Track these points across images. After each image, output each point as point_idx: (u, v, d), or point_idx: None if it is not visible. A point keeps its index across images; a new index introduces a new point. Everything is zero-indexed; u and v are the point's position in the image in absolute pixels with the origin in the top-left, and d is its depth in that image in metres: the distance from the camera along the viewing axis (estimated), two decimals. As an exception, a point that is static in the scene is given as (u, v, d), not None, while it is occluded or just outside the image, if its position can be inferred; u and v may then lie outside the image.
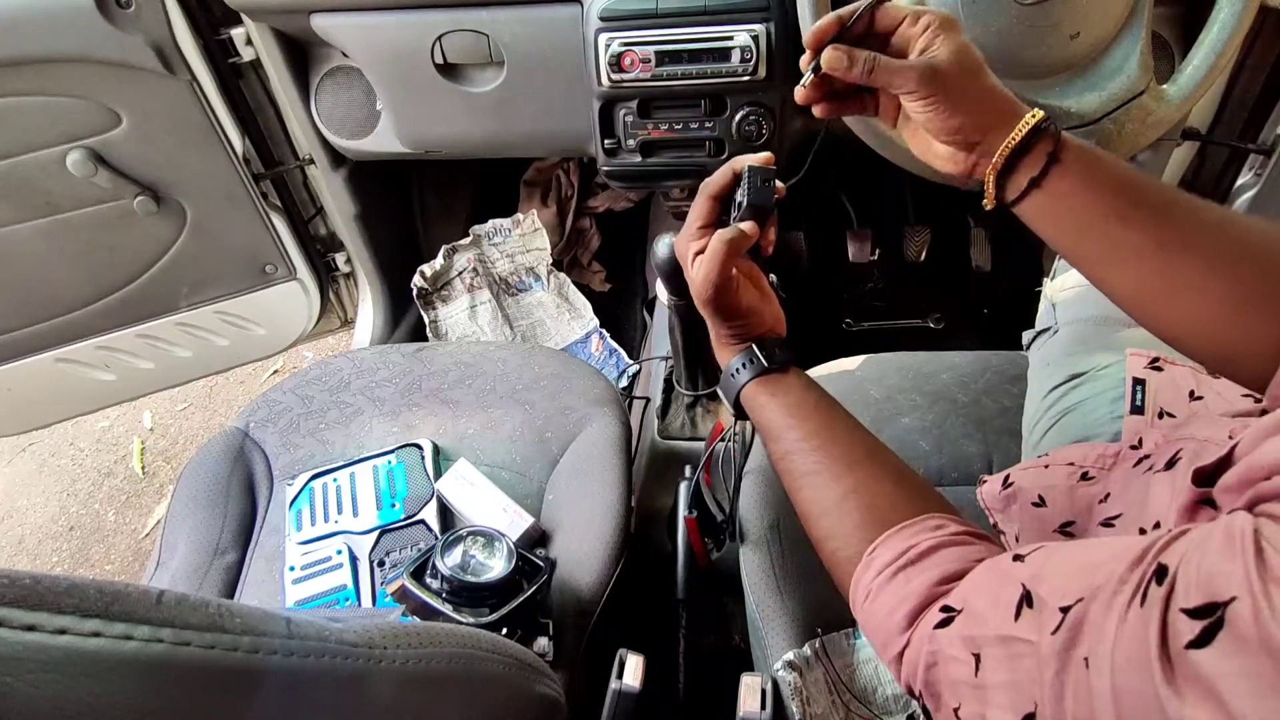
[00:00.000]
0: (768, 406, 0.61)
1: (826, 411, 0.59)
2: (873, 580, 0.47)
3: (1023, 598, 0.37)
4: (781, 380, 0.62)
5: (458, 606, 0.67)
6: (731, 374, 0.64)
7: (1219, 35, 0.72)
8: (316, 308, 1.42)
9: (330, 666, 0.34)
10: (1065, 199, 0.52)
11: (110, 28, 1.01)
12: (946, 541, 0.46)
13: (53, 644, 0.24)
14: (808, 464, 0.56)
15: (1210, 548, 0.29)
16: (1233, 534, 0.29)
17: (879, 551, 0.48)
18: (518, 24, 1.01)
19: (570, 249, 1.80)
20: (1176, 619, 0.28)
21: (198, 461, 0.97)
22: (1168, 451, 0.53)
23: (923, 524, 0.48)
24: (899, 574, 0.46)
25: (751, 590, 0.79)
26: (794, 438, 0.57)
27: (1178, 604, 0.29)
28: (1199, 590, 0.28)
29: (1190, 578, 0.29)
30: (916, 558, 0.46)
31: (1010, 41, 0.74)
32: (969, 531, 0.48)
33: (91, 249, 1.21)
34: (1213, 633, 0.27)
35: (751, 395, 0.62)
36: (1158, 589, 0.30)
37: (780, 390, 0.61)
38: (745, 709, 0.66)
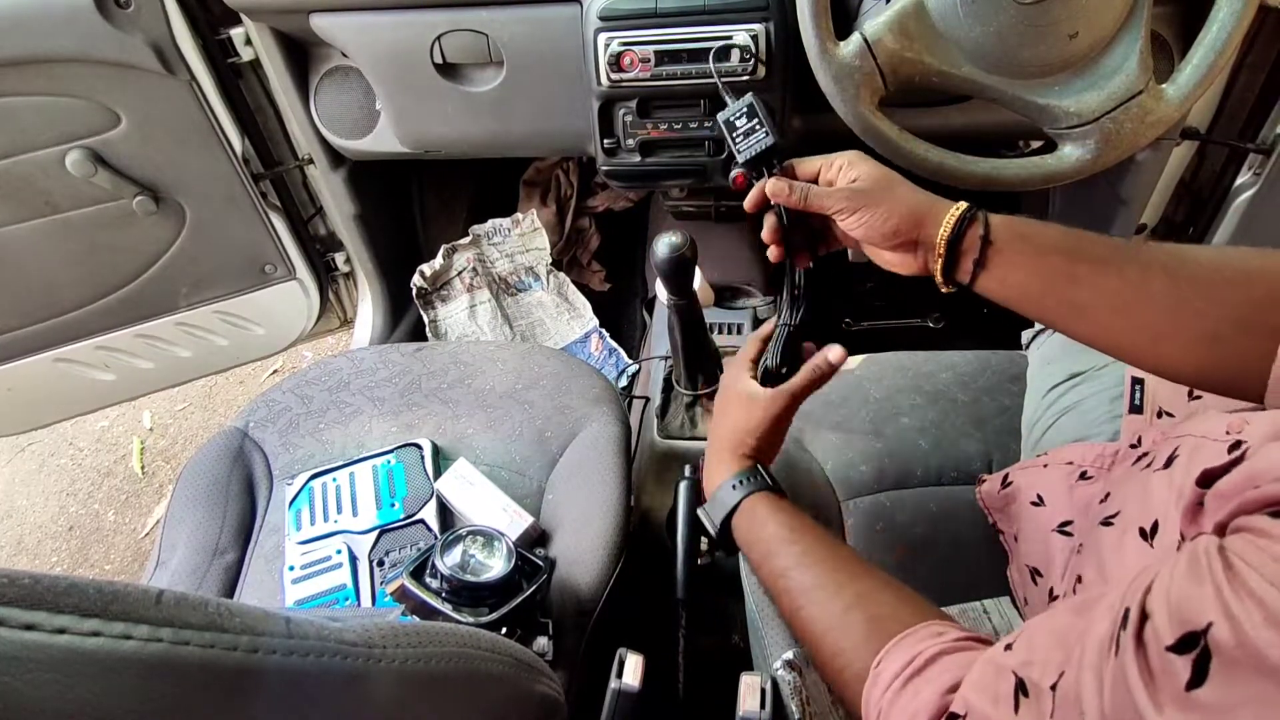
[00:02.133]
0: (769, 522, 0.62)
1: (813, 529, 0.61)
2: (882, 696, 0.47)
3: (1017, 687, 0.37)
4: (780, 500, 0.65)
5: (457, 606, 0.67)
6: (732, 486, 0.66)
7: (1218, 34, 0.72)
8: (316, 307, 1.42)
9: (330, 666, 0.34)
10: (1011, 272, 0.57)
11: (109, 28, 1.01)
12: (949, 648, 0.46)
13: (52, 643, 0.24)
14: (807, 581, 0.57)
15: (1177, 576, 0.29)
16: (1197, 558, 0.29)
17: (885, 664, 0.48)
18: (517, 24, 1.01)
19: (570, 249, 1.80)
20: (1166, 662, 0.28)
21: (197, 461, 0.97)
22: (1166, 449, 0.53)
23: (925, 630, 0.48)
24: (907, 685, 0.46)
25: (751, 589, 0.79)
26: (794, 553, 0.59)
27: (1160, 643, 0.28)
28: (1174, 622, 0.28)
29: (1162, 612, 0.29)
30: (923, 666, 0.46)
31: (1009, 41, 0.74)
32: (969, 637, 0.48)
33: (91, 249, 1.21)
34: (1204, 666, 0.26)
35: (751, 509, 0.65)
36: (1125, 633, 0.30)
37: (780, 508, 0.63)
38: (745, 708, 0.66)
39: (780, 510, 0.63)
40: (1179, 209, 1.22)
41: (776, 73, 0.95)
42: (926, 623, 0.49)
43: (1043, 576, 0.66)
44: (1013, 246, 0.56)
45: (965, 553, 0.78)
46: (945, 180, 0.82)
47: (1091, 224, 1.24)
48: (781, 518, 0.62)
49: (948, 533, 0.80)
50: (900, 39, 0.76)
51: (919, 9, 0.75)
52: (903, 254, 0.62)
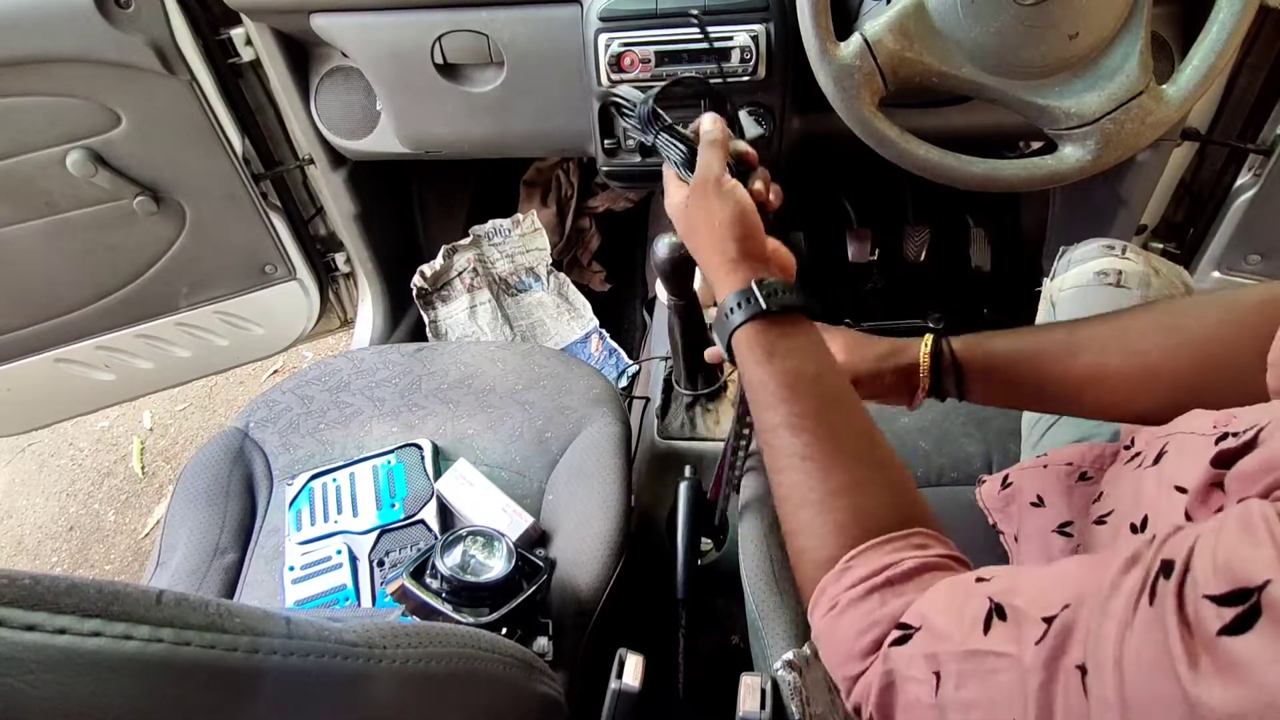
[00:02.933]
0: (763, 366, 0.53)
1: (829, 387, 0.52)
2: (843, 592, 0.44)
3: (992, 610, 0.36)
4: (783, 335, 0.53)
5: (457, 606, 0.67)
6: (726, 313, 0.55)
7: (1218, 35, 0.72)
8: (316, 308, 1.42)
9: (330, 666, 0.34)
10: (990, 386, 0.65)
11: (110, 28, 1.01)
12: (930, 564, 0.43)
13: (52, 644, 0.24)
14: (796, 445, 0.50)
15: (1226, 536, 0.28)
16: (1251, 520, 0.28)
17: (856, 563, 0.44)
18: (518, 24, 1.01)
19: (570, 249, 1.80)
20: (1200, 606, 0.27)
21: (197, 461, 0.97)
22: (1156, 447, 0.53)
23: (907, 540, 0.45)
24: (874, 593, 0.43)
25: (751, 590, 0.79)
26: (785, 411, 0.51)
27: (1198, 592, 0.27)
28: (1221, 577, 0.27)
29: (1207, 567, 0.28)
30: (896, 579, 0.43)
31: (1009, 41, 0.74)
32: (953, 556, 0.45)
33: (91, 249, 1.21)
34: (1250, 619, 0.26)
35: (744, 345, 0.54)
36: (1166, 583, 0.29)
37: (780, 350, 0.53)
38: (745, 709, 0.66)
39: (776, 353, 0.53)
40: (1179, 210, 1.22)
41: (776, 73, 0.95)
42: (912, 530, 0.45)
43: None
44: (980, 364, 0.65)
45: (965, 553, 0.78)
46: (946, 180, 0.82)
47: (1091, 224, 1.24)
48: (775, 365, 0.52)
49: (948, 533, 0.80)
50: (900, 39, 0.76)
51: (919, 9, 0.76)
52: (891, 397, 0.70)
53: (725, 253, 0.57)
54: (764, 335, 0.53)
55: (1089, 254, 0.85)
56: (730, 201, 0.58)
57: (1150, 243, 1.25)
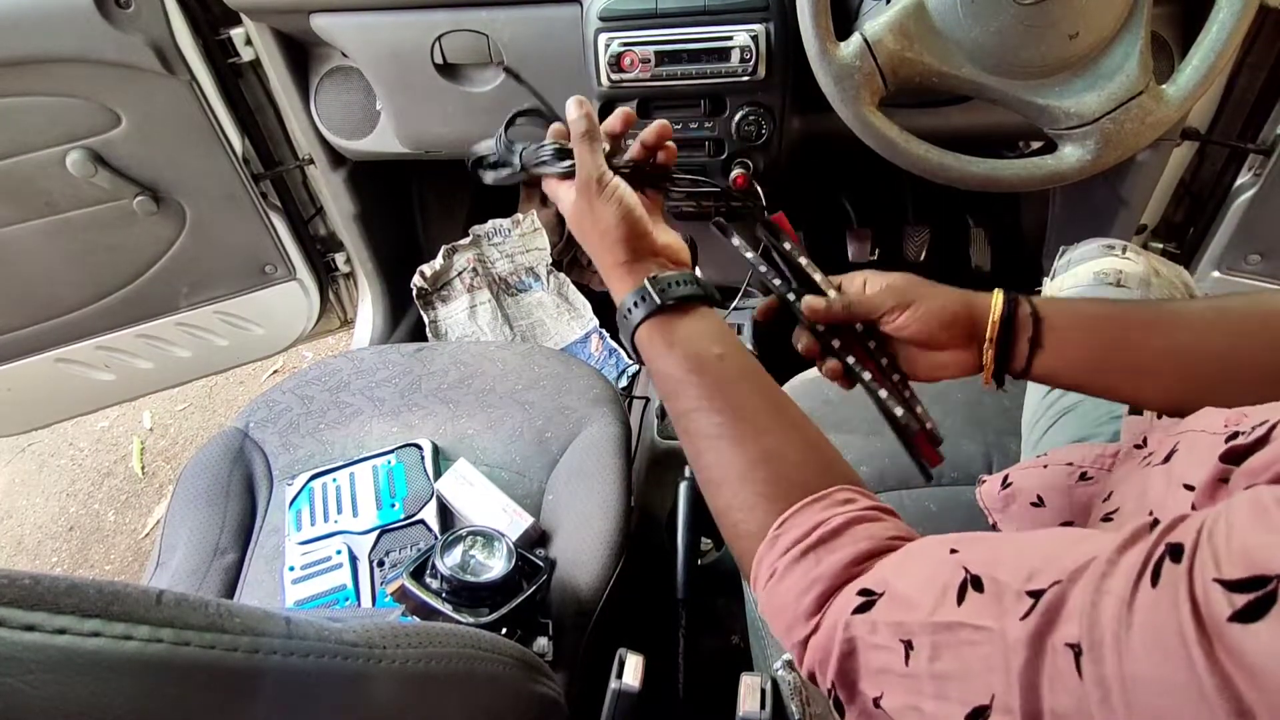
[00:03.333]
0: (664, 357, 0.54)
1: (733, 365, 0.53)
2: (778, 559, 0.44)
3: (967, 581, 0.35)
4: (680, 324, 0.54)
5: (457, 606, 0.67)
6: (624, 313, 0.56)
7: (1218, 35, 0.72)
8: (316, 308, 1.42)
9: (330, 666, 0.34)
10: (1067, 347, 0.56)
11: (109, 28, 1.01)
12: (857, 517, 0.44)
13: (52, 644, 0.24)
14: (709, 426, 0.50)
15: (1239, 522, 0.28)
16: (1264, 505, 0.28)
17: (786, 528, 0.45)
18: (517, 24, 1.01)
19: (570, 249, 1.80)
20: (1209, 591, 0.26)
21: (197, 462, 0.97)
22: (1167, 445, 0.53)
23: (831, 498, 0.45)
24: (808, 554, 0.43)
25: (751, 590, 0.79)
26: (693, 395, 0.51)
27: (1207, 576, 0.27)
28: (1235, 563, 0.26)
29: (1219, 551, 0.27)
30: (827, 535, 0.43)
31: (1009, 41, 0.74)
32: (877, 507, 0.45)
33: (91, 249, 1.21)
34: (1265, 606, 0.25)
35: (646, 340, 0.55)
36: (1176, 566, 0.28)
37: (679, 337, 0.54)
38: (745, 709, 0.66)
39: (675, 341, 0.54)
40: (1179, 209, 1.22)
41: (776, 73, 0.95)
42: (835, 488, 0.46)
43: None
44: (1064, 321, 0.56)
45: (965, 553, 0.78)
46: (946, 180, 0.82)
47: (1091, 224, 1.24)
48: (676, 353, 0.53)
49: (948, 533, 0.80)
50: (900, 39, 0.76)
51: (919, 9, 0.76)
52: (956, 350, 0.59)
53: (615, 256, 0.58)
54: (662, 328, 0.55)
55: (1089, 254, 0.85)
56: (612, 205, 0.58)
57: (1150, 243, 1.25)
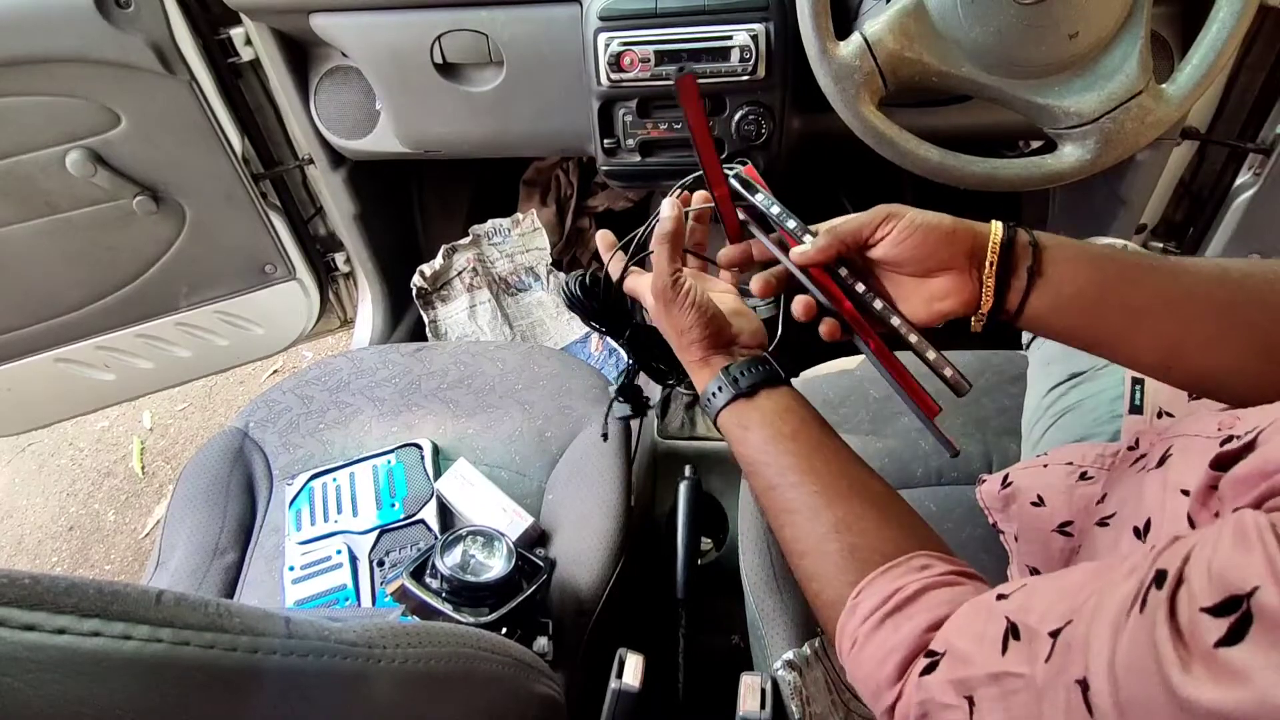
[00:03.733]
0: (743, 441, 0.57)
1: (807, 440, 0.55)
2: (858, 628, 0.45)
3: (1008, 630, 0.36)
4: (755, 408, 0.57)
5: (457, 606, 0.67)
6: (707, 400, 0.60)
7: (1218, 34, 0.72)
8: (316, 308, 1.42)
9: (329, 666, 0.34)
10: (1067, 282, 0.54)
11: (109, 27, 1.01)
12: (934, 583, 0.44)
13: (51, 644, 0.24)
14: (787, 500, 0.53)
15: (1220, 546, 0.29)
16: (1245, 530, 0.28)
17: (864, 596, 0.45)
18: (517, 23, 1.01)
19: (570, 248, 1.80)
20: (1197, 620, 0.27)
21: (197, 461, 0.97)
22: (1160, 449, 0.53)
23: (908, 564, 0.46)
24: (886, 621, 0.44)
25: (751, 590, 0.79)
26: (772, 473, 0.54)
27: (1194, 604, 0.28)
28: (1215, 587, 0.27)
29: (1202, 577, 0.28)
30: (903, 603, 0.44)
31: (1009, 41, 0.74)
32: (957, 570, 0.46)
33: (91, 249, 1.21)
34: (1243, 628, 0.26)
35: (726, 426, 0.58)
36: (1158, 593, 0.29)
37: (755, 421, 0.56)
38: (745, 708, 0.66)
39: (750, 425, 0.56)
40: (1179, 209, 1.22)
41: (776, 73, 0.95)
42: (911, 554, 0.46)
43: None
44: (1065, 253, 0.54)
45: (966, 552, 0.78)
46: (946, 180, 0.82)
47: (1091, 224, 1.24)
48: (753, 435, 0.56)
49: (948, 532, 0.80)
50: (900, 39, 0.76)
51: (919, 9, 0.75)
52: (953, 275, 0.56)
53: (692, 353, 0.61)
54: (739, 414, 0.57)
55: (1089, 253, 0.85)
56: (687, 309, 0.60)
57: (1150, 242, 1.25)
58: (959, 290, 0.56)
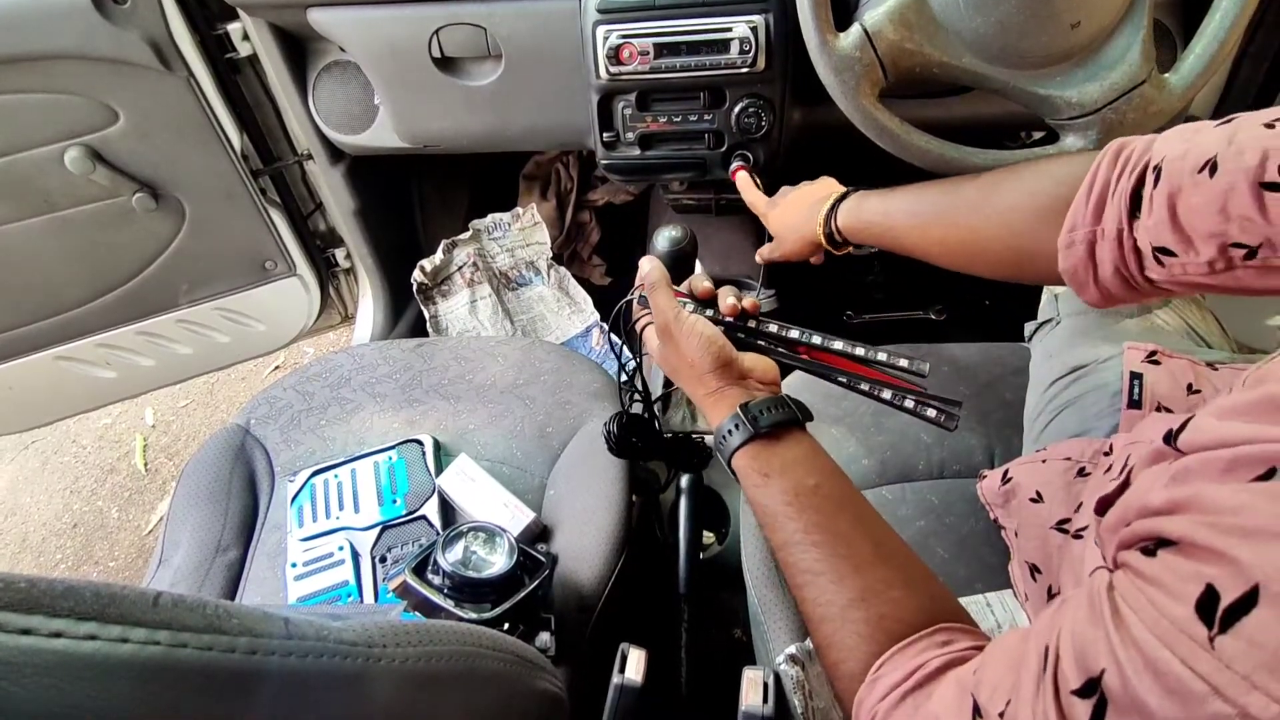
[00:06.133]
0: (763, 489, 0.55)
1: (830, 496, 0.53)
2: (878, 703, 0.44)
3: (974, 710, 0.36)
4: (775, 452, 0.55)
5: (459, 602, 0.67)
6: (722, 438, 0.58)
7: (1221, 23, 0.71)
8: (316, 304, 1.42)
9: (330, 666, 0.34)
10: (866, 225, 0.74)
11: (106, 24, 1.00)
12: (956, 659, 0.43)
13: (48, 647, 0.24)
14: (808, 561, 0.51)
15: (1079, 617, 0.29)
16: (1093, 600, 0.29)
17: (885, 670, 0.45)
18: (515, 17, 1.00)
19: (570, 243, 1.80)
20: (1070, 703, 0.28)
21: (199, 458, 0.97)
22: (1122, 458, 0.53)
23: (930, 639, 0.45)
24: (907, 699, 0.43)
25: (753, 584, 0.79)
26: (793, 529, 0.52)
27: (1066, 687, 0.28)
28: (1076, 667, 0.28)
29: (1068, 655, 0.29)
30: (924, 680, 0.43)
31: (1010, 31, 0.74)
32: (979, 645, 0.45)
33: (90, 246, 1.21)
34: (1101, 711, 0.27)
35: (742, 469, 0.56)
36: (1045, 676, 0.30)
37: (775, 468, 0.55)
38: (747, 703, 0.66)
39: (772, 472, 0.54)
40: (1182, 199, 1.21)
41: (776, 64, 0.94)
42: (935, 628, 0.45)
43: (1041, 573, 0.66)
44: (856, 234, 0.75)
45: (968, 546, 0.78)
46: (947, 172, 0.81)
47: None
48: (774, 485, 0.54)
49: (950, 527, 0.80)
50: (900, 30, 0.75)
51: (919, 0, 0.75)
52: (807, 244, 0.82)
53: (705, 385, 0.60)
54: (757, 456, 0.55)
55: (1091, 245, 0.85)
56: (693, 336, 0.60)
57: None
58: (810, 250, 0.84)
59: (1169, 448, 0.33)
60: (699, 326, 0.61)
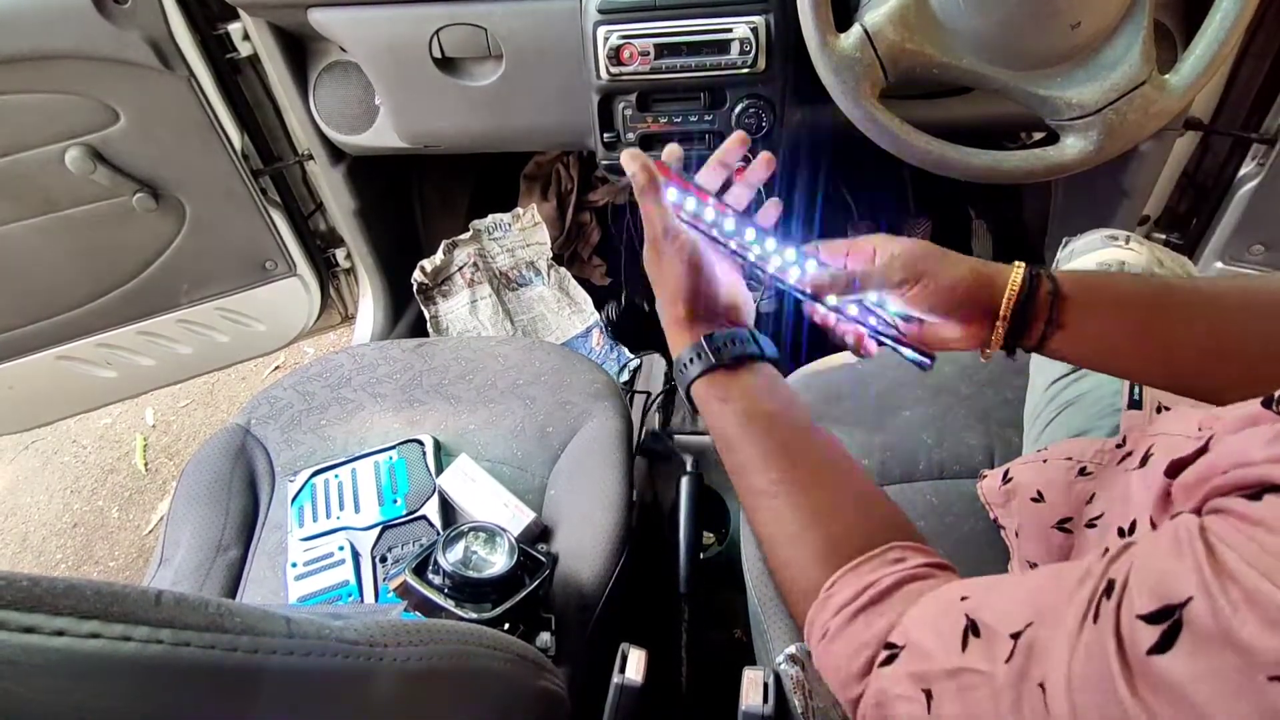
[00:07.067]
0: (719, 414, 0.55)
1: (785, 423, 0.54)
2: (830, 619, 0.44)
3: (968, 627, 0.36)
4: (735, 381, 0.55)
5: (460, 602, 0.67)
6: (681, 367, 0.57)
7: (1222, 24, 0.72)
8: (317, 304, 1.42)
9: (331, 665, 0.34)
10: (1090, 325, 0.54)
11: (107, 24, 1.00)
12: (908, 576, 0.44)
13: (50, 646, 0.24)
14: (763, 483, 0.51)
15: (1158, 553, 0.29)
16: (1179, 536, 0.29)
17: (837, 588, 0.45)
18: (516, 17, 1.00)
19: (570, 243, 1.80)
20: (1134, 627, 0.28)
21: (199, 458, 0.97)
22: (1144, 447, 0.53)
23: (883, 557, 0.45)
24: (859, 616, 0.43)
25: (753, 584, 0.79)
26: (748, 452, 0.52)
27: (1131, 611, 0.28)
28: (1151, 595, 0.28)
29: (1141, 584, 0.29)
30: (877, 597, 0.43)
31: (1011, 32, 0.74)
32: (932, 563, 0.45)
33: (91, 246, 1.21)
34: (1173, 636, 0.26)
35: (702, 396, 0.56)
36: (1108, 603, 0.29)
37: (734, 394, 0.55)
38: (747, 703, 0.66)
39: (729, 398, 0.54)
40: (1182, 200, 1.21)
41: (776, 65, 0.95)
42: (887, 546, 0.46)
43: None
44: (1087, 298, 0.53)
45: (968, 547, 0.78)
46: (947, 172, 0.82)
47: (1094, 215, 1.24)
48: (730, 408, 0.54)
49: (950, 526, 0.80)
50: (901, 30, 0.75)
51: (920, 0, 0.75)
52: (967, 326, 0.56)
53: (677, 310, 0.59)
54: (716, 384, 0.55)
55: (1092, 245, 0.85)
56: (676, 262, 0.59)
57: (1153, 233, 1.25)
58: (971, 337, 0.57)
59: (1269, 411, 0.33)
60: (687, 248, 0.59)
